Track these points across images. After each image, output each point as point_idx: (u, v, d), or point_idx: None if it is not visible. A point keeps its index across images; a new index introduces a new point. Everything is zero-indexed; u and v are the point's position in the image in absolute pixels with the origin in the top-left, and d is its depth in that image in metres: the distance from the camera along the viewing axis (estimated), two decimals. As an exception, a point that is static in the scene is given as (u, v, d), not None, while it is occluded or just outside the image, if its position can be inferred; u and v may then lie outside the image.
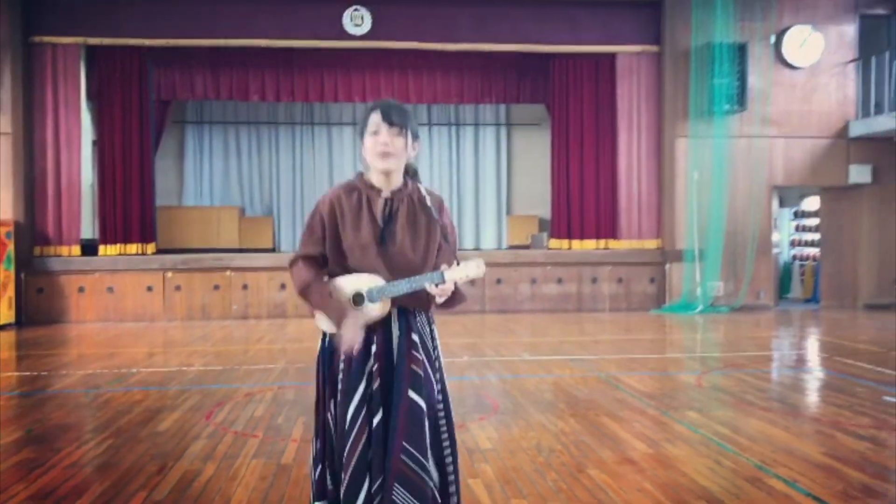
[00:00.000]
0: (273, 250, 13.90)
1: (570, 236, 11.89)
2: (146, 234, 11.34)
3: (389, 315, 2.45)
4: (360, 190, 2.49)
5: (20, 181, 10.68)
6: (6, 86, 10.67)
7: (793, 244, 14.42)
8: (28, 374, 6.55)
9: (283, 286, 11.18)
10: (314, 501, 2.50)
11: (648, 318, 10.77)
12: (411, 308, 2.49)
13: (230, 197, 14.37)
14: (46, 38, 10.94)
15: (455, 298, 2.45)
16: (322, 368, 2.54)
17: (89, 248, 11.15)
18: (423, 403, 2.40)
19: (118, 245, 11.17)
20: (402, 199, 2.49)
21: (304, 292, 2.51)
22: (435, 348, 2.54)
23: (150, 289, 10.97)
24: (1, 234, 10.29)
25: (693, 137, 11.57)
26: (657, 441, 4.21)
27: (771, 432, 4.37)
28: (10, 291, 10.44)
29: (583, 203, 11.88)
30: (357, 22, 11.37)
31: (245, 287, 11.14)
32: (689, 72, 11.57)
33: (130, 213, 11.22)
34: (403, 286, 2.38)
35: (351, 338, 2.40)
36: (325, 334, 2.55)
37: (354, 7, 11.36)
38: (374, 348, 2.43)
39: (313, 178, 14.49)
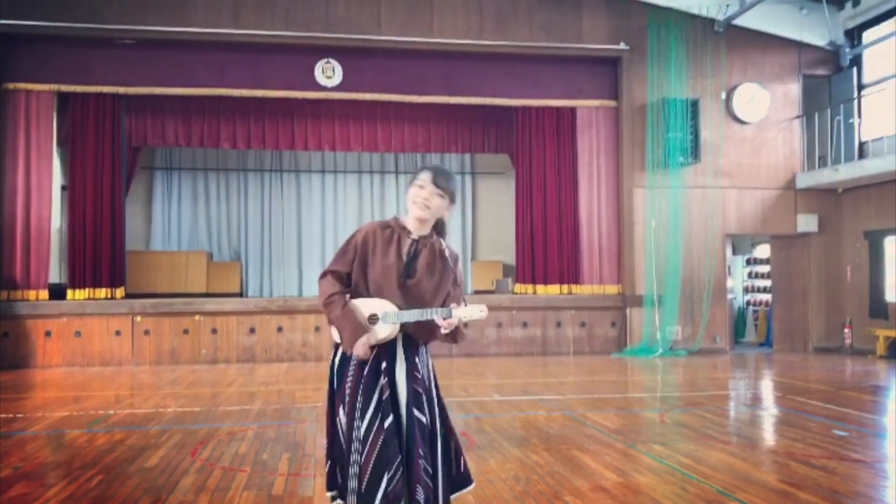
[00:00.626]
0: (241, 295, 14.00)
1: (534, 281, 12.26)
2: (115, 278, 11.38)
3: (395, 341, 2.80)
4: (393, 228, 2.89)
5: (-11, 225, 10.69)
6: (-22, 131, 10.75)
7: (746, 290, 15.00)
8: (2, 416, 6.57)
9: (252, 330, 11.29)
10: (327, 490, 2.85)
11: (610, 361, 11.11)
12: (416, 338, 2.85)
13: (198, 242, 14.47)
14: (21, 85, 11.08)
15: (457, 334, 2.83)
16: (334, 379, 2.87)
17: (57, 293, 11.15)
18: (425, 419, 2.78)
19: (87, 289, 11.18)
20: (426, 245, 2.89)
21: (327, 303, 2.85)
22: (434, 377, 2.94)
23: (118, 333, 10.98)
24: (-32, 278, 10.25)
25: (650, 187, 12.11)
26: (626, 471, 4.48)
27: (731, 462, 4.68)
28: (-25, 336, 10.37)
29: (546, 249, 12.28)
30: (329, 74, 11.76)
31: (214, 331, 11.21)
32: (645, 125, 12.17)
33: (100, 257, 11.27)
34: (415, 314, 2.75)
35: (362, 352, 2.75)
36: (337, 348, 2.88)
37: (326, 59, 11.76)
38: (383, 366, 2.78)
39: (281, 224, 14.68)
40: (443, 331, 2.76)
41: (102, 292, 11.22)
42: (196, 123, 12.33)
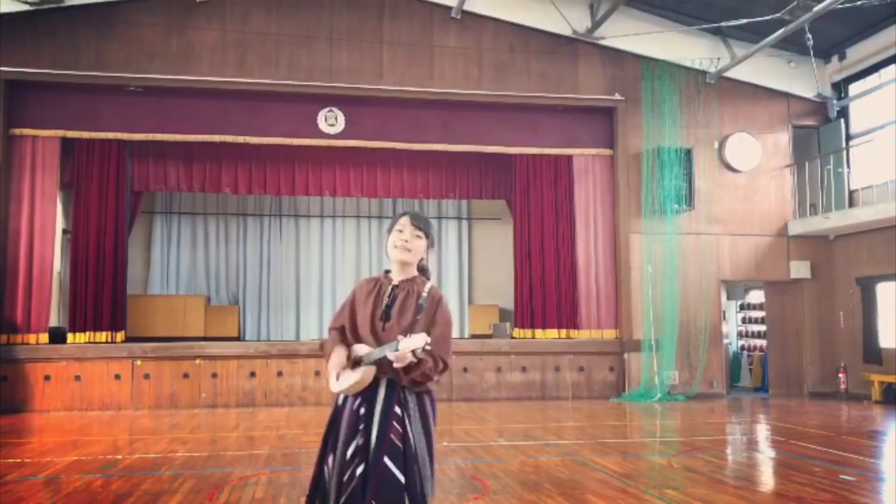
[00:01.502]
0: (239, 338, 14.01)
1: (532, 326, 12.36)
2: (116, 322, 11.39)
3: (377, 385, 2.93)
4: (378, 279, 3.11)
5: (-9, 269, 10.73)
6: (-17, 175, 10.85)
7: (740, 335, 15.16)
8: (10, 461, 6.56)
9: (252, 374, 11.30)
10: None
11: (609, 406, 11.17)
12: (397, 380, 2.94)
13: (196, 286, 14.52)
14: (27, 131, 11.22)
15: (411, 369, 2.85)
16: (330, 426, 3.01)
17: (57, 336, 11.14)
18: (400, 476, 2.79)
19: (87, 332, 11.18)
20: (405, 289, 3.02)
21: (324, 353, 3.08)
22: (426, 423, 2.94)
23: (118, 377, 10.96)
24: (-32, 322, 10.25)
25: (646, 233, 12.33)
26: (642, 515, 4.56)
27: (743, 506, 4.76)
28: (-26, 380, 10.32)
29: (545, 294, 12.41)
30: (331, 122, 11.99)
31: (215, 375, 11.21)
32: (640, 173, 12.44)
33: (101, 300, 11.29)
34: (376, 354, 2.89)
35: (335, 384, 2.98)
36: (336, 399, 3.03)
37: (329, 108, 12.00)
38: (362, 411, 2.90)
39: (280, 268, 14.78)
40: (395, 364, 2.80)
41: (103, 336, 11.22)
42: (198, 168, 12.49)
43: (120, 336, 11.39)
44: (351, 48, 12.01)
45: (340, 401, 2.99)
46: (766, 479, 5.89)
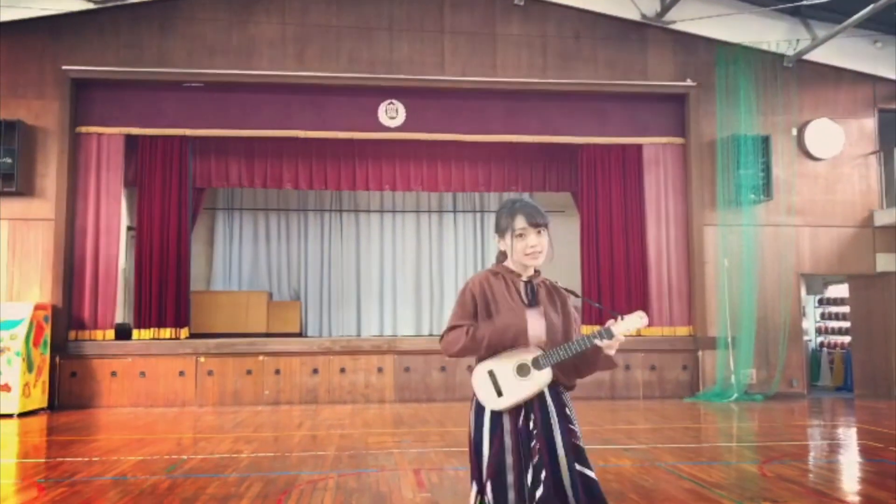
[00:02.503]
0: (300, 334, 13.93)
1: (601, 323, 11.87)
2: (180, 318, 11.39)
3: (543, 392, 2.64)
4: (502, 275, 2.84)
5: (60, 266, 10.82)
6: (52, 175, 10.96)
7: (819, 332, 14.42)
8: (79, 459, 6.49)
9: (315, 371, 11.16)
10: None
11: (683, 407, 10.68)
12: (561, 383, 2.70)
13: (258, 282, 14.50)
14: (92, 129, 11.28)
15: (611, 361, 2.75)
16: (478, 446, 2.67)
17: (123, 333, 11.19)
18: (595, 476, 2.57)
19: (152, 329, 11.20)
20: (539, 284, 2.86)
21: (469, 337, 2.71)
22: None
23: (182, 373, 10.94)
24: (40, 318, 10.36)
25: (721, 225, 11.75)
26: (743, 532, 4.16)
27: (855, 524, 4.32)
28: (45, 375, 10.44)
29: (614, 290, 11.96)
30: (392, 115, 11.75)
31: (277, 372, 11.11)
32: (714, 162, 11.87)
33: (166, 297, 11.30)
34: (564, 352, 2.61)
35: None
36: (480, 410, 2.70)
37: (389, 101, 11.76)
38: (531, 425, 2.60)
39: (340, 263, 14.66)
40: (609, 351, 2.67)
41: (167, 332, 11.23)
42: (259, 164, 12.41)
43: (184, 333, 11.38)
44: (411, 39, 11.74)
45: (489, 419, 2.66)
46: (874, 492, 5.39)
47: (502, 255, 2.90)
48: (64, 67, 11.04)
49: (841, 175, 12.17)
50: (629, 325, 2.61)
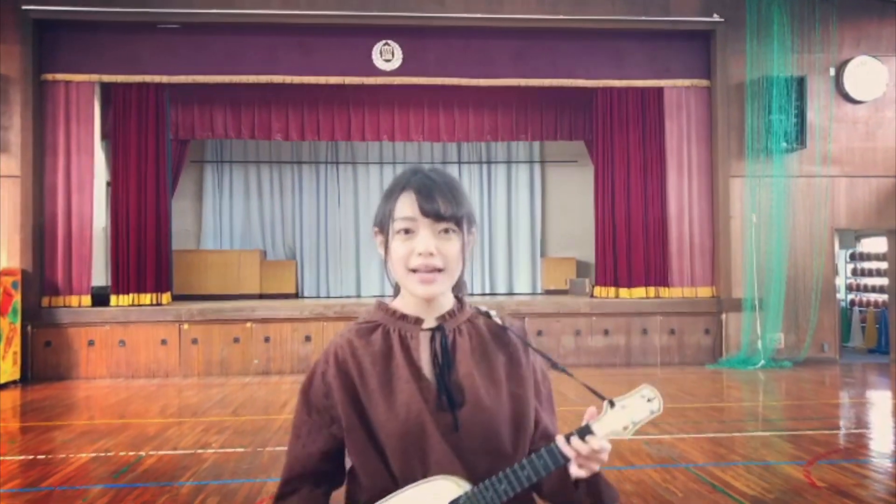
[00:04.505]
0: (297, 295, 13.17)
1: (616, 284, 11.01)
2: (161, 282, 10.59)
3: None
4: (384, 327, 1.56)
5: (28, 227, 9.99)
6: (16, 127, 10.04)
7: (850, 289, 13.46)
8: (22, 458, 5.73)
9: (307, 338, 10.36)
10: None
11: (706, 375, 9.84)
12: None
13: (251, 240, 13.67)
14: (59, 76, 10.31)
15: (601, 485, 1.50)
16: None
17: (100, 298, 10.41)
18: None
19: (131, 295, 10.41)
20: (461, 330, 1.56)
21: None
22: None
23: (164, 342, 10.18)
24: (7, 285, 9.57)
25: (749, 177, 10.72)
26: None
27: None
28: (16, 346, 9.70)
29: (630, 248, 11.01)
30: (387, 57, 10.68)
31: (267, 340, 10.32)
32: (743, 107, 10.76)
33: (145, 260, 10.48)
34: (509, 484, 1.40)
35: None
36: None
37: (384, 41, 10.68)
38: None
39: (338, 219, 13.79)
40: (577, 472, 1.41)
41: (147, 298, 10.44)
42: (246, 114, 11.46)
43: (165, 298, 10.59)
44: (408, -29, 10.59)
45: None
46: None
47: (396, 289, 1.62)
48: (25, 7, 10.02)
49: (882, 120, 11.03)
50: (624, 420, 1.43)
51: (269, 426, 6.81)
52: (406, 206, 1.51)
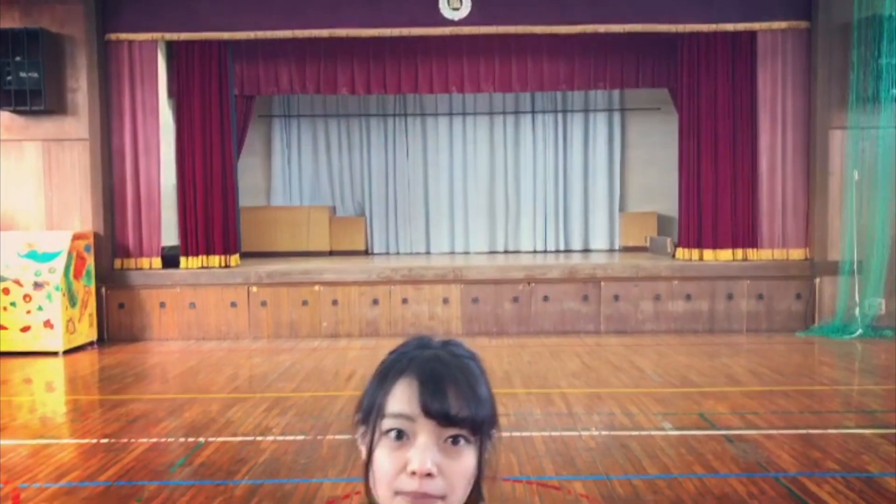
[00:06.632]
0: (366, 252, 13.00)
1: (700, 245, 10.33)
2: (229, 244, 10.52)
3: None
4: None
5: (98, 191, 10.01)
6: (83, 89, 9.97)
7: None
8: (89, 442, 5.72)
9: (375, 301, 10.16)
10: None
11: (796, 345, 9.19)
12: None
13: (320, 196, 13.50)
14: (123, 36, 10.13)
15: None
16: None
17: (170, 259, 10.43)
18: None
19: (200, 257, 10.39)
20: None
21: None
22: None
23: (233, 304, 10.16)
24: (80, 248, 9.66)
25: (852, 128, 9.76)
26: None
27: None
28: (92, 308, 9.85)
29: (717, 207, 10.27)
30: (455, 5, 10.06)
31: (335, 303, 10.17)
32: (848, 51, 9.71)
33: (212, 221, 10.40)
34: None
35: None
36: None
37: (452, -12, 10.06)
38: None
39: (406, 173, 13.46)
40: None
41: (216, 260, 10.41)
42: (311, 68, 11.10)
43: (234, 260, 10.54)
44: (477, -89, 9.87)
45: None
46: None
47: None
48: (86, -34, 9.83)
49: None
50: None
51: (332, 406, 6.63)
52: (402, 398, 1.08)
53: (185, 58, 10.38)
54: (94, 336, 9.83)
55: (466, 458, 1.07)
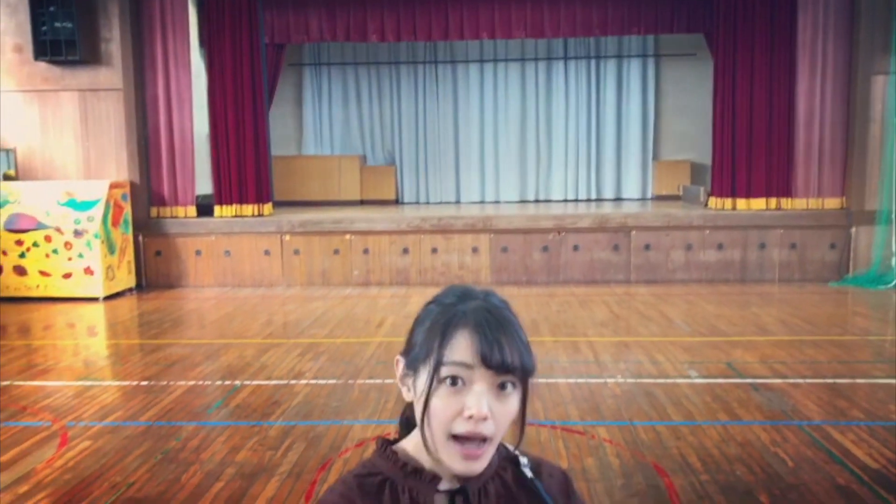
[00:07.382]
0: (396, 202, 13.07)
1: (734, 194, 10.22)
2: (262, 193, 10.65)
3: None
4: (391, 481, 1.21)
5: (133, 140, 10.17)
6: (116, 39, 10.05)
7: None
8: (130, 384, 5.95)
9: (405, 251, 10.27)
10: None
11: (828, 295, 9.12)
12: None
13: (351, 144, 13.54)
14: (153, -16, 10.17)
15: None
16: None
17: (205, 208, 10.61)
18: None
19: (234, 206, 10.56)
20: (486, 491, 1.22)
21: None
22: None
23: (267, 252, 10.34)
24: (117, 197, 9.87)
25: (895, 74, 9.49)
26: None
27: None
28: (130, 255, 10.11)
29: (751, 154, 10.13)
30: (486, -52, 9.87)
31: (366, 251, 10.30)
32: (893, -8, 9.40)
33: (245, 169, 10.53)
34: None
35: None
36: None
37: (483, -70, 9.86)
38: None
39: (437, 121, 13.42)
40: None
41: (249, 209, 10.57)
42: (341, 15, 11.04)
43: (267, 209, 10.68)
44: None
45: None
46: None
47: (404, 423, 1.30)
48: (115, -87, 9.81)
49: None
50: None
51: (363, 352, 6.79)
52: (460, 348, 1.14)
53: (215, 6, 10.38)
54: (132, 283, 10.11)
55: (512, 402, 1.17)
